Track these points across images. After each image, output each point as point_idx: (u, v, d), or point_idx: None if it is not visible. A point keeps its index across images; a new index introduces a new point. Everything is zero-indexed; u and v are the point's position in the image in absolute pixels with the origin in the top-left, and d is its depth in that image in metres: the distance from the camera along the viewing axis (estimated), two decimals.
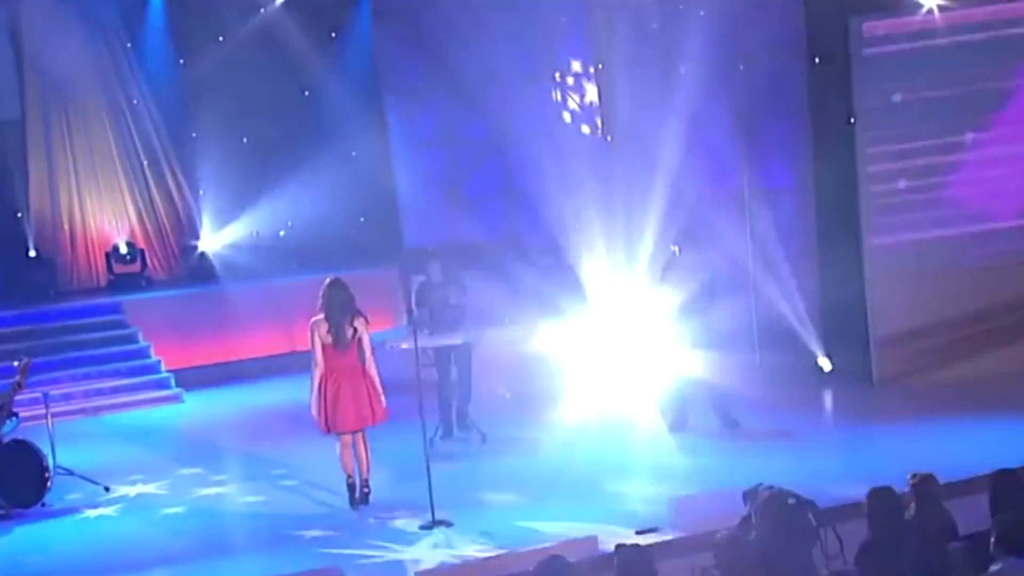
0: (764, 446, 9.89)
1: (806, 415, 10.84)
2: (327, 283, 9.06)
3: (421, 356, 9.10)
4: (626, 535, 7.44)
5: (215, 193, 16.69)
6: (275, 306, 14.62)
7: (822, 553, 6.13)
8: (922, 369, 11.46)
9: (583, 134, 15.25)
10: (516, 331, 13.44)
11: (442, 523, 8.27)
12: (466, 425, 11.02)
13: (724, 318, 10.69)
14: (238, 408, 13.21)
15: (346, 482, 9.11)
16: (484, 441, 10.73)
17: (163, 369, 14.26)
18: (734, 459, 9.54)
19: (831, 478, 8.40)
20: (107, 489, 9.94)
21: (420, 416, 8.71)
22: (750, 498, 6.19)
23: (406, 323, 11.46)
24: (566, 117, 15.38)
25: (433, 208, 15.92)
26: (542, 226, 14.48)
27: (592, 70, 14.89)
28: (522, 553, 7.48)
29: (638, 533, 7.52)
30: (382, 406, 9.07)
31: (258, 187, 16.50)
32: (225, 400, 13.66)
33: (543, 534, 7.96)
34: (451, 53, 15.45)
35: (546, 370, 11.74)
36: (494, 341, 11.89)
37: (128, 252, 16.38)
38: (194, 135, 16.68)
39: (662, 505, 7.94)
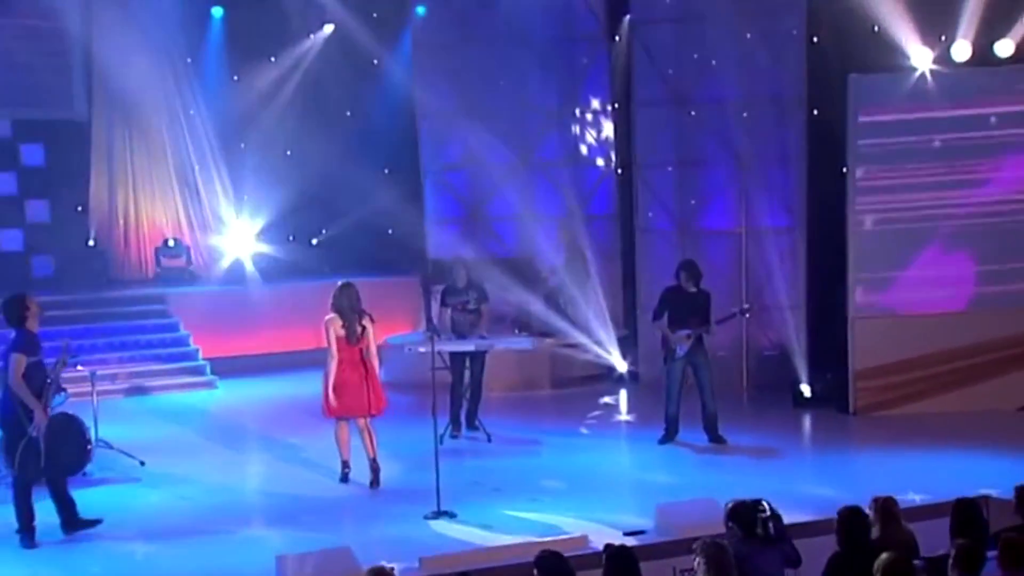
0: (746, 462, 9.90)
1: (786, 437, 10.83)
2: (339, 285, 9.33)
3: (437, 359, 9.15)
4: (614, 535, 7.44)
5: (257, 199, 16.80)
6: (305, 306, 14.62)
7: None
8: (895, 402, 11.46)
9: (597, 166, 15.30)
10: (525, 341, 13.52)
11: (446, 513, 8.28)
12: (475, 425, 11.06)
13: (718, 344, 10.72)
14: (266, 397, 13.26)
15: (340, 459, 9.35)
16: (490, 441, 10.76)
17: (200, 357, 14.32)
18: (718, 472, 9.56)
19: (806, 495, 8.41)
20: (142, 463, 9.99)
21: (433, 414, 8.74)
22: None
23: (425, 329, 11.48)
24: (583, 150, 15.44)
25: (456, 224, 16.00)
26: (556, 247, 14.54)
27: (609, 108, 14.95)
28: (518, 545, 7.48)
29: (625, 534, 7.51)
30: (384, 396, 9.33)
31: (296, 196, 16.63)
32: (254, 389, 13.71)
33: (538, 529, 7.96)
34: (481, 85, 15.58)
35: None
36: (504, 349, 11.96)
37: (175, 248, 16.49)
38: (242, 145, 16.78)
39: (649, 510, 7.94)
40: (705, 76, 13.05)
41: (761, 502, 6.14)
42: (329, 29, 16.68)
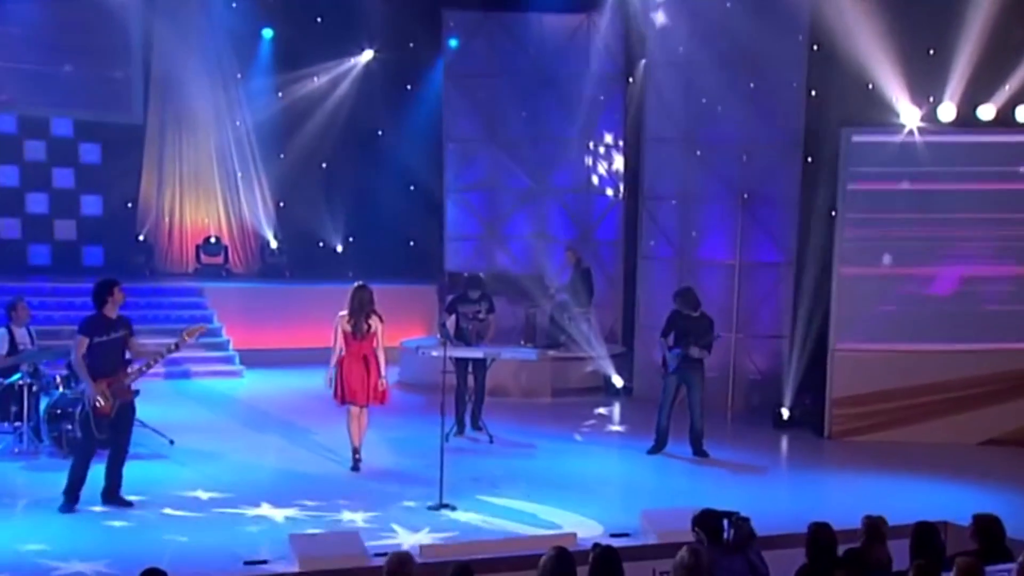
0: (726, 475, 9.90)
1: (765, 455, 10.82)
2: (355, 286, 9.52)
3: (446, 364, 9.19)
4: (601, 536, 7.44)
5: (292, 206, 16.90)
6: (329, 306, 14.49)
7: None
8: (867, 430, 11.46)
9: (607, 195, 15.35)
10: (529, 352, 13.54)
11: (447, 506, 8.28)
12: (478, 426, 11.07)
13: (708, 366, 10.73)
14: (288, 388, 13.28)
15: (351, 446, 9.37)
16: (492, 442, 10.77)
17: (231, 348, 14.39)
18: (700, 483, 9.59)
19: (778, 510, 8.39)
20: (172, 442, 10.03)
21: (440, 414, 8.77)
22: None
23: (438, 335, 11.52)
24: (594, 180, 15.50)
25: (473, 240, 16.06)
26: (564, 267, 14.57)
27: (621, 143, 15.01)
28: (512, 540, 7.51)
29: (612, 536, 7.52)
30: (386, 388, 9.42)
31: (328, 205, 16.82)
32: (278, 379, 13.74)
33: (531, 526, 7.96)
34: (505, 114, 15.69)
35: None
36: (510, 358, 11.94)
37: (215, 246, 16.59)
38: (281, 156, 16.90)
39: (634, 514, 7.94)
40: (711, 120, 13.11)
41: (733, 513, 6.11)
42: (368, 55, 16.83)
